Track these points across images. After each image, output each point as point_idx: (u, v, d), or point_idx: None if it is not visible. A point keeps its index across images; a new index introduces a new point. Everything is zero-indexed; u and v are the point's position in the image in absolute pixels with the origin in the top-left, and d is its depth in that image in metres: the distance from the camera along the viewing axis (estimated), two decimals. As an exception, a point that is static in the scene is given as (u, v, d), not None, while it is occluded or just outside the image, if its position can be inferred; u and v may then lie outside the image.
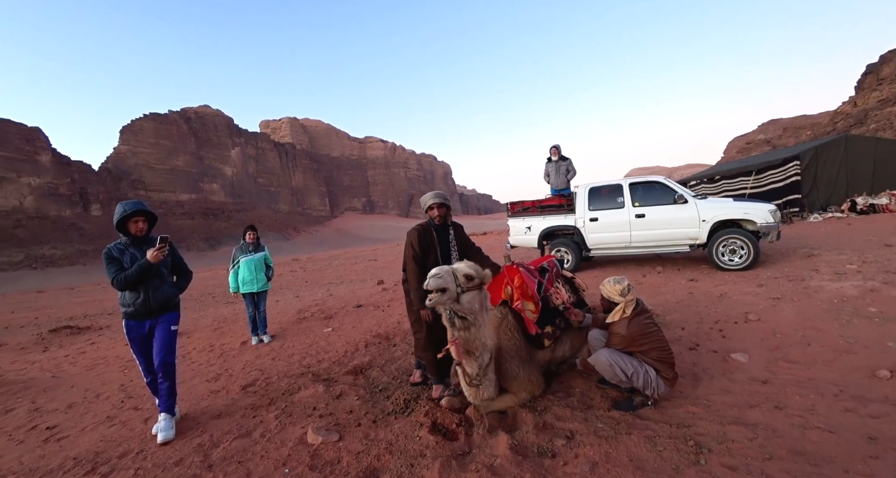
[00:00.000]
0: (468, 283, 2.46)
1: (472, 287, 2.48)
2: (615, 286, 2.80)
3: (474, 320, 2.49)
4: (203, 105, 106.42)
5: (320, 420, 2.88)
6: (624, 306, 2.76)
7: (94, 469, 2.58)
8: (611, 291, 2.81)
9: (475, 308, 2.47)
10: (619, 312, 2.78)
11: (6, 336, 8.24)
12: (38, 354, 6.40)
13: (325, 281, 13.35)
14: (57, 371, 5.21)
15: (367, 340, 5.07)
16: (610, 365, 2.65)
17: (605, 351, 2.73)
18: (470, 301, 2.45)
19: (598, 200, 7.90)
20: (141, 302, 2.94)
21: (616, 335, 2.75)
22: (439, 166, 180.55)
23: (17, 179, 65.98)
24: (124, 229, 2.94)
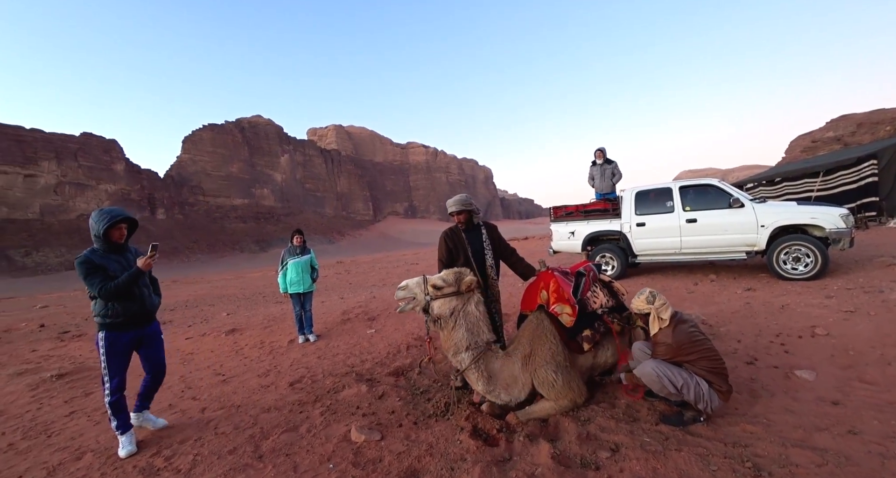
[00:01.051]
0: (437, 292, 2.70)
1: (442, 295, 2.70)
2: (638, 299, 2.75)
3: (445, 324, 2.70)
4: (256, 115, 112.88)
5: (363, 419, 2.96)
6: (657, 313, 2.66)
7: (158, 452, 2.80)
8: (638, 305, 2.75)
9: (445, 314, 2.69)
10: (656, 321, 2.67)
11: (85, 327, 9.09)
12: (112, 344, 7.01)
13: (369, 283, 13.68)
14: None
15: (408, 342, 5.15)
16: (658, 376, 2.54)
17: (651, 362, 2.62)
18: (440, 307, 2.69)
19: (646, 205, 7.59)
20: (138, 311, 2.88)
21: (661, 345, 2.63)
22: (480, 171, 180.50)
23: (97, 186, 73.02)
24: (106, 236, 2.80)
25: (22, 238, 58.32)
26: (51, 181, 68.33)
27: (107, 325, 2.82)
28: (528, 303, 3.14)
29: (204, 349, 5.93)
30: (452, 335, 2.70)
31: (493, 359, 2.79)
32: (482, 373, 2.72)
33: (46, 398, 4.37)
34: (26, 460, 2.96)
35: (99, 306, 2.80)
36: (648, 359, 2.69)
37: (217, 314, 9.35)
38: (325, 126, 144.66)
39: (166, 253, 70.92)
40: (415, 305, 2.74)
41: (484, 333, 2.77)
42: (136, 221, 3.00)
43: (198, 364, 5.17)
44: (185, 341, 6.55)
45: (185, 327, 7.88)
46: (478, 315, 2.76)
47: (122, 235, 2.89)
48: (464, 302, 2.74)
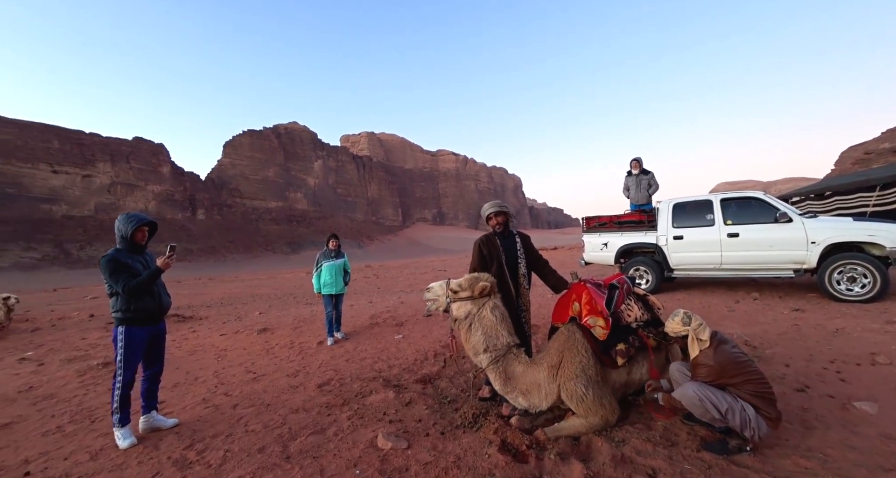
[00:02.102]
0: (454, 295, 2.83)
1: (459, 298, 2.81)
2: (673, 321, 2.63)
3: (461, 326, 2.81)
4: (292, 121, 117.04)
5: (390, 426, 2.94)
6: (695, 334, 2.53)
7: (191, 445, 2.89)
8: (673, 327, 2.62)
9: (460, 316, 2.81)
10: (695, 343, 2.54)
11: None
12: (152, 338, 7.34)
13: (397, 288, 13.77)
14: (165, 353, 5.92)
15: (436, 349, 5.12)
16: (700, 400, 2.39)
17: (692, 384, 2.47)
18: (456, 310, 2.82)
19: (684, 217, 7.30)
20: (155, 308, 3.10)
21: (702, 367, 2.48)
22: (510, 179, 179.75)
23: (145, 188, 77.47)
24: (132, 237, 3.04)
25: (77, 233, 62.50)
26: (105, 181, 73.06)
27: (127, 320, 3.01)
28: (559, 315, 3.06)
29: (237, 347, 6.10)
30: (470, 338, 2.80)
31: (515, 362, 2.79)
32: (500, 373, 2.76)
33: (92, 385, 4.61)
34: (72, 444, 3.12)
35: (120, 302, 2.99)
36: (689, 381, 2.54)
37: (250, 313, 9.64)
38: (358, 133, 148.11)
39: (204, 252, 74.18)
40: (437, 306, 2.92)
41: (503, 336, 2.79)
42: (156, 225, 3.24)
43: (230, 361, 5.32)
44: (219, 338, 6.77)
45: (220, 324, 8.16)
46: (493, 320, 2.79)
47: (143, 237, 3.16)
48: (479, 307, 2.81)
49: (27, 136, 68.14)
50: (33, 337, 7.88)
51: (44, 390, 4.53)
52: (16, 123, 68.53)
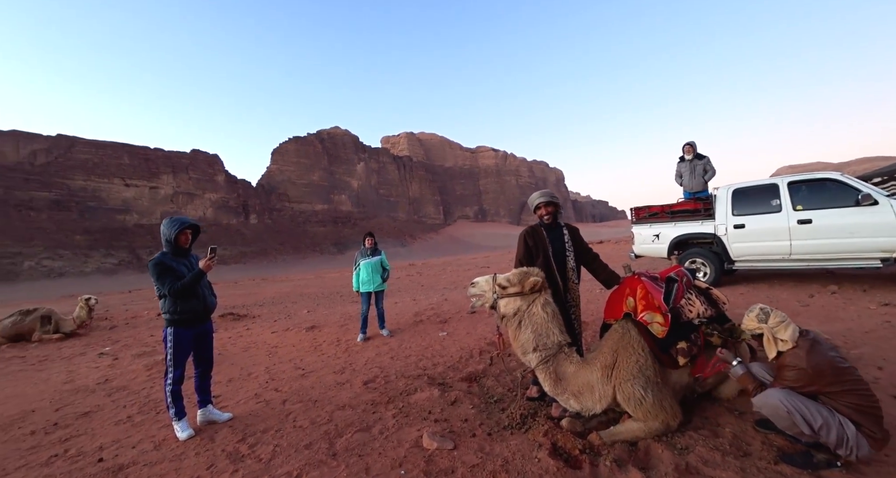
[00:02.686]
0: (502, 291, 2.66)
1: (507, 294, 2.65)
2: (748, 317, 2.33)
3: (510, 323, 2.66)
4: (334, 126, 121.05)
5: (435, 425, 2.88)
6: (772, 333, 2.21)
7: (243, 439, 2.98)
8: (749, 325, 2.33)
9: (509, 314, 2.65)
10: (772, 343, 2.22)
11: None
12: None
13: (440, 286, 13.80)
14: (222, 350, 6.24)
15: (480, 347, 5.02)
16: (788, 412, 2.08)
17: (777, 391, 2.16)
18: (504, 307, 2.66)
19: (746, 204, 6.70)
20: (201, 309, 3.20)
21: (790, 369, 2.16)
22: (551, 173, 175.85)
23: (203, 196, 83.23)
24: (176, 241, 3.15)
25: (147, 240, 68.35)
26: (168, 192, 79.29)
27: (175, 321, 3.12)
28: (612, 311, 2.86)
29: (286, 344, 6.32)
30: (518, 336, 2.65)
31: (566, 363, 2.61)
32: (550, 374, 2.59)
33: (158, 378, 4.92)
34: (139, 433, 3.33)
35: (168, 304, 3.10)
36: (773, 388, 2.24)
37: (299, 311, 10.01)
38: (398, 134, 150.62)
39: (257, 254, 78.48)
40: (483, 302, 2.76)
41: (554, 335, 2.62)
42: (199, 228, 3.36)
43: (281, 357, 5.50)
44: (270, 335, 7.05)
45: (272, 322, 8.52)
46: (544, 317, 2.62)
47: (187, 240, 3.26)
48: (528, 303, 2.64)
49: (103, 154, 75.34)
50: (111, 334, 8.62)
51: (117, 383, 4.90)
52: (94, 144, 76.01)
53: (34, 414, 4.05)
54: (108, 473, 2.70)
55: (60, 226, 65.66)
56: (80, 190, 71.13)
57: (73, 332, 8.67)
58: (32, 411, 4.13)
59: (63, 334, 8.46)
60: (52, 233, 64.00)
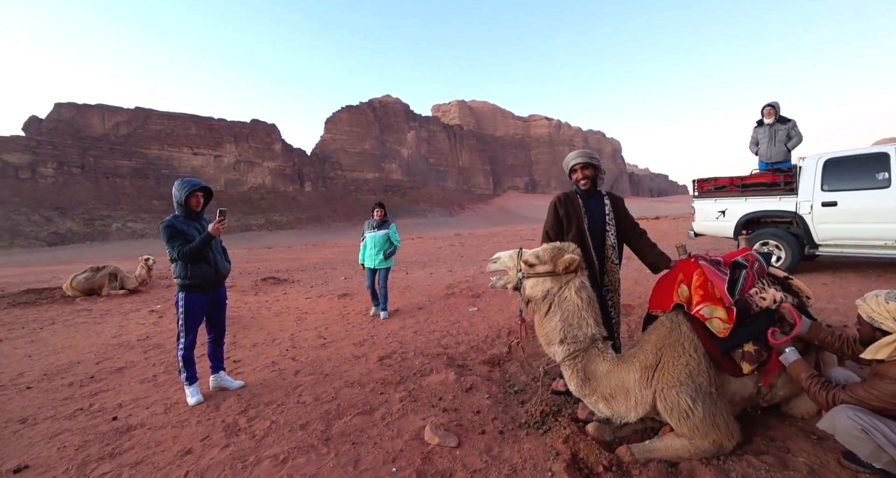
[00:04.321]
0: (529, 269, 2.22)
1: (535, 274, 2.20)
2: (889, 305, 1.66)
3: (537, 308, 2.21)
4: (385, 95, 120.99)
5: (443, 415, 2.57)
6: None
7: (245, 410, 2.86)
8: (878, 311, 1.68)
9: (536, 296, 2.20)
10: (890, 348, 1.63)
11: (238, 280, 10.74)
12: (251, 296, 8.04)
13: (480, 257, 13.46)
14: (256, 313, 6.37)
15: (510, 326, 4.65)
16: (864, 431, 1.58)
17: (850, 409, 1.65)
18: (531, 288, 2.22)
19: (839, 177, 5.58)
20: (213, 274, 3.10)
21: (887, 385, 1.60)
22: (608, 143, 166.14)
23: (262, 164, 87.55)
24: (186, 203, 3.04)
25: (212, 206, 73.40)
26: (231, 161, 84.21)
27: (186, 286, 3.03)
28: (659, 300, 2.31)
29: (317, 310, 6.31)
30: (545, 323, 2.20)
31: (599, 360, 2.13)
32: (578, 372, 2.12)
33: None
34: (157, 393, 3.35)
35: (179, 269, 3.01)
36: (846, 406, 1.69)
37: (336, 277, 10.12)
38: (448, 102, 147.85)
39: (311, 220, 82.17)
40: (506, 281, 2.33)
41: (588, 325, 2.12)
42: (211, 191, 3.24)
43: (308, 324, 5.47)
44: (304, 301, 7.11)
45: (308, 288, 8.64)
46: (578, 303, 2.12)
47: (198, 203, 3.13)
48: (560, 285, 2.16)
49: (174, 125, 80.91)
50: (166, 292, 9.19)
51: (155, 341, 5.10)
52: (166, 115, 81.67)
53: (78, 365, 4.27)
54: (117, 433, 2.69)
55: (140, 192, 72.34)
56: (156, 159, 77.42)
57: (136, 289, 9.36)
58: (78, 363, 4.36)
59: (127, 291, 9.16)
60: (134, 198, 70.82)
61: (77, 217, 63.97)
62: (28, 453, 2.49)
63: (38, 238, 58.42)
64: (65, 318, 6.74)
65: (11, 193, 61.55)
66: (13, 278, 14.78)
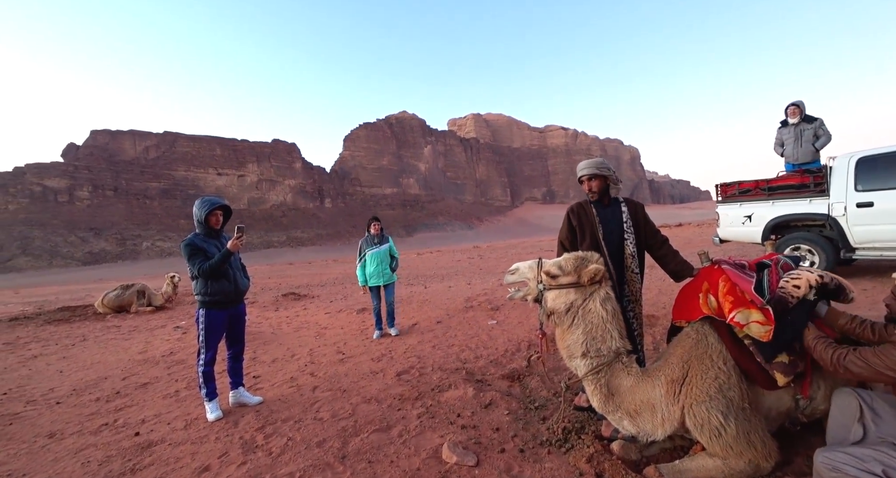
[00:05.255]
0: (552, 281, 2.12)
1: (557, 286, 2.10)
2: None
3: (559, 321, 2.10)
4: (402, 111, 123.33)
5: (461, 432, 2.50)
6: None
7: (263, 427, 2.85)
8: None
9: (559, 309, 2.09)
10: None
11: (260, 296, 10.93)
12: (272, 312, 8.15)
13: (499, 269, 13.34)
14: (276, 329, 6.43)
15: (531, 339, 4.55)
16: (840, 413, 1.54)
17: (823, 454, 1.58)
18: (553, 300, 2.11)
19: (876, 177, 5.31)
20: (232, 291, 3.13)
21: None
22: (625, 151, 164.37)
23: (283, 182, 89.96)
24: (206, 221, 3.08)
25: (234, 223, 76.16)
26: (253, 179, 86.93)
27: (206, 303, 3.08)
28: (683, 310, 2.20)
29: (336, 325, 6.33)
30: (566, 336, 2.11)
31: (623, 374, 2.02)
32: (601, 387, 2.01)
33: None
34: (179, 409, 3.40)
35: (200, 286, 3.06)
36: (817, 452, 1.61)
37: (356, 292, 10.17)
38: (464, 116, 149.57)
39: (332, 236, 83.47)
40: (526, 293, 2.23)
41: (612, 339, 2.02)
42: (230, 209, 3.31)
43: (327, 339, 5.48)
44: (324, 316, 7.16)
45: (328, 302, 8.71)
46: (603, 316, 2.02)
47: (217, 221, 3.19)
48: (584, 297, 2.06)
49: (199, 147, 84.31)
50: (191, 308, 9.41)
51: (179, 356, 5.19)
52: (192, 138, 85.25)
53: (105, 381, 4.38)
54: (139, 448, 2.72)
55: (168, 212, 75.19)
56: (183, 180, 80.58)
57: (163, 305, 9.62)
58: (105, 378, 4.47)
59: (154, 307, 9.43)
60: (162, 218, 73.62)
61: (110, 237, 66.91)
62: (53, 468, 2.53)
63: (74, 258, 61.28)
64: (95, 334, 6.96)
65: (51, 215, 65.08)
66: (51, 296, 15.46)
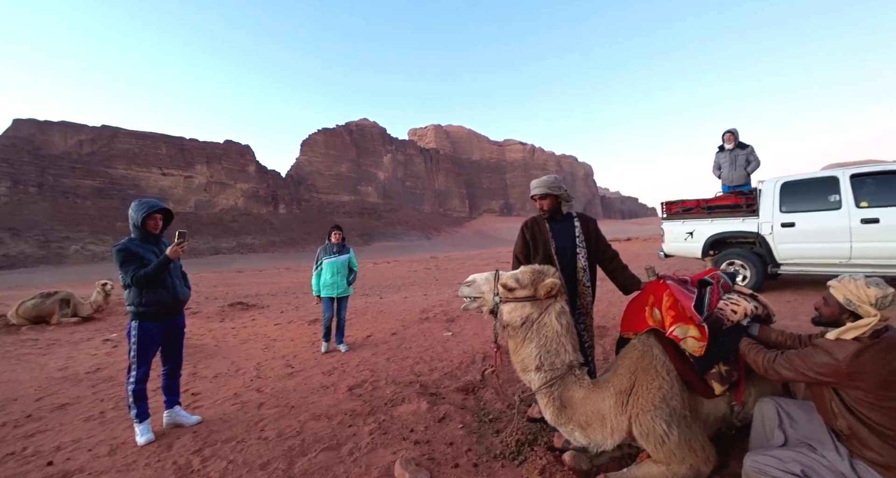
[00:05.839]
0: (507, 293, 2.12)
1: (513, 298, 2.11)
2: (868, 290, 1.54)
3: (514, 334, 2.11)
4: (362, 118, 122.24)
5: (414, 448, 2.45)
6: (871, 326, 1.51)
7: (200, 450, 2.64)
8: (857, 295, 1.56)
9: (514, 322, 2.09)
10: (857, 331, 1.53)
11: (204, 306, 10.25)
12: (216, 323, 7.66)
13: (455, 280, 13.38)
14: (221, 341, 6.04)
15: (486, 351, 4.57)
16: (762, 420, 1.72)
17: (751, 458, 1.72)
18: (509, 314, 2.11)
19: (796, 199, 5.90)
20: (170, 301, 2.89)
21: (819, 355, 1.57)
22: (580, 167, 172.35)
23: (234, 185, 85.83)
24: (143, 225, 2.84)
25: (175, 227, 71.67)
26: (202, 181, 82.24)
27: (140, 314, 2.82)
28: (630, 323, 2.30)
29: (286, 337, 6.05)
30: (521, 350, 2.11)
31: (575, 387, 2.07)
32: (554, 400, 2.04)
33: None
34: (103, 433, 3.06)
35: (133, 295, 2.80)
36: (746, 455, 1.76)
37: (308, 302, 9.80)
38: (425, 126, 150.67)
39: (285, 243, 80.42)
40: (480, 304, 2.21)
41: (565, 352, 2.06)
42: (172, 212, 3.07)
43: (276, 352, 5.22)
44: (273, 327, 6.82)
45: (278, 313, 8.32)
46: (558, 329, 2.06)
47: (156, 225, 2.93)
48: (540, 311, 2.08)
49: (143, 144, 78.80)
50: (123, 320, 8.63)
51: (107, 373, 4.72)
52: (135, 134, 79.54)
53: (15, 403, 3.88)
54: (52, 480, 2.42)
55: (103, 213, 69.26)
56: (122, 179, 74.74)
57: (91, 316, 8.76)
58: (15, 400, 3.96)
59: (80, 318, 8.56)
60: (95, 219, 67.66)
61: (31, 239, 60.39)
62: (-58, 508, 2.19)
63: (-15, 262, 54.65)
64: (6, 348, 6.20)
65: (-41, 213, 57.83)
66: (-48, 306, 13.63)
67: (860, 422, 1.52)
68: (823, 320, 1.74)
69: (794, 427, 1.82)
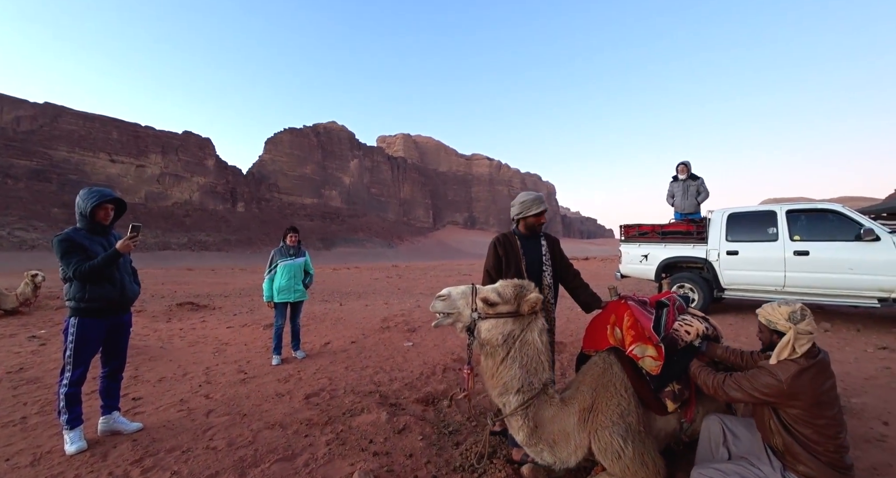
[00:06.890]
0: (488, 309, 2.01)
1: (495, 315, 2.01)
2: (780, 308, 1.78)
3: (493, 353, 2.01)
4: (331, 121, 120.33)
5: (373, 460, 2.40)
6: (793, 340, 1.70)
7: (141, 459, 2.46)
8: (773, 315, 1.79)
9: (495, 340, 1.99)
10: (787, 348, 1.71)
11: (149, 304, 9.61)
12: (163, 323, 7.19)
13: (417, 291, 13.32)
14: (167, 343, 5.67)
15: (446, 363, 4.56)
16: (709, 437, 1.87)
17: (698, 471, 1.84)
18: (489, 331, 1.99)
19: (741, 230, 6.43)
20: (117, 297, 2.71)
21: (764, 377, 1.72)
22: (543, 186, 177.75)
23: (190, 179, 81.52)
24: (92, 215, 2.67)
25: (128, 220, 66.45)
26: (155, 172, 77.53)
27: (81, 310, 2.61)
28: (592, 340, 2.39)
29: (239, 341, 5.77)
30: (501, 371, 2.02)
31: (547, 405, 2.07)
32: (528, 421, 2.02)
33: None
34: (24, 441, 2.79)
35: (75, 289, 2.60)
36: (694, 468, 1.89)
37: (262, 306, 9.42)
38: (394, 134, 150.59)
39: (241, 242, 76.95)
40: (455, 320, 2.08)
41: (543, 371, 2.05)
42: (125, 204, 2.90)
43: (227, 357, 4.97)
44: (225, 330, 6.50)
45: (231, 315, 7.94)
46: (539, 347, 2.04)
47: (107, 216, 2.76)
48: (523, 328, 2.02)
49: (91, 127, 73.36)
50: (54, 315, 7.93)
51: (32, 373, 4.31)
52: (82, 115, 73.96)
53: (-81, 405, 3.46)
54: (-40, 494, 2.17)
55: (38, 197, 63.56)
56: (63, 162, 69.06)
57: (16, 309, 7.98)
58: (-82, 402, 3.53)
59: (4, 311, 7.78)
60: (28, 203, 61.92)
61: (-52, 222, 54.34)
62: None
63: None
64: None
65: None
66: None
67: (793, 438, 1.66)
68: (765, 346, 1.91)
69: (737, 444, 1.96)
